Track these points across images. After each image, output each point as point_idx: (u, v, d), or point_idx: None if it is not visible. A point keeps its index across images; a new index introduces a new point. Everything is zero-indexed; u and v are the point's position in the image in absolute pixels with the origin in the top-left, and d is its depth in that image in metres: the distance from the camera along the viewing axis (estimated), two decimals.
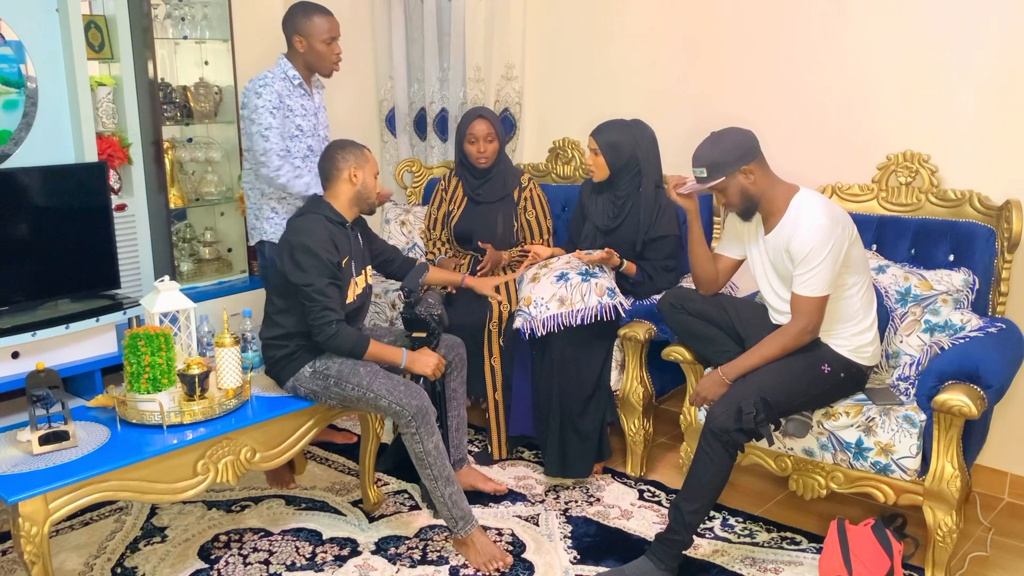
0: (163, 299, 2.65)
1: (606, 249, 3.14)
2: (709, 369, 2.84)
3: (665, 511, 2.94)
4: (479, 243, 3.49)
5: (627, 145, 3.21)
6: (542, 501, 3.05)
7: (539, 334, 3.04)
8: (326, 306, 2.61)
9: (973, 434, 2.58)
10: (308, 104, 3.26)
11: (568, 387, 3.10)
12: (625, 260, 3.21)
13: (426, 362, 2.74)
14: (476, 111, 3.55)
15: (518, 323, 3.10)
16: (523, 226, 3.54)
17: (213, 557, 2.72)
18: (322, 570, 2.65)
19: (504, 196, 3.52)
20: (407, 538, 2.82)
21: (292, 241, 2.65)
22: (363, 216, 2.90)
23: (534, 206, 3.54)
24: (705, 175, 2.58)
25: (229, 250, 4.17)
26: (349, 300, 2.74)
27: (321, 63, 3.23)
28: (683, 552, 2.57)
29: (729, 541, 2.80)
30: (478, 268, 3.43)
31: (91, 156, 3.49)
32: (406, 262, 3.08)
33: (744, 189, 2.58)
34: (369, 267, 2.92)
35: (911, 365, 2.73)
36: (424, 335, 2.82)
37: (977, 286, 2.81)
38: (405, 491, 3.12)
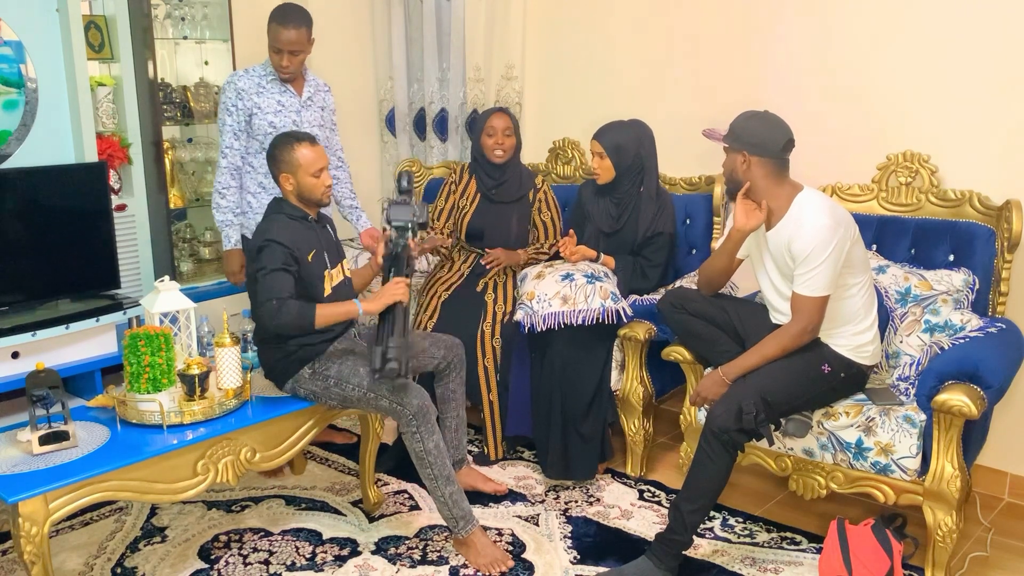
0: (163, 299, 2.65)
1: (580, 249, 3.25)
2: (709, 369, 2.84)
3: (665, 511, 2.94)
4: (486, 249, 3.47)
5: (631, 145, 3.22)
6: (542, 501, 3.05)
7: (539, 329, 3.04)
8: (269, 286, 2.54)
9: (973, 434, 2.58)
10: (289, 101, 3.20)
11: (570, 391, 3.10)
12: (602, 255, 3.28)
13: (389, 292, 2.59)
14: (497, 107, 3.57)
15: (519, 316, 3.10)
16: (538, 227, 3.54)
17: (213, 557, 2.72)
18: (322, 570, 2.65)
19: (520, 197, 3.52)
20: (407, 538, 2.82)
21: (256, 241, 2.68)
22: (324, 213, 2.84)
23: (548, 208, 3.54)
24: (724, 133, 2.65)
25: None
26: (327, 293, 2.72)
27: (275, 68, 3.16)
28: (683, 552, 2.57)
29: (729, 541, 2.80)
30: (483, 262, 3.43)
31: (91, 156, 3.49)
32: None
33: (733, 170, 2.63)
34: (345, 260, 2.89)
35: (911, 365, 2.73)
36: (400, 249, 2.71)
37: (977, 286, 2.81)
38: (405, 491, 3.12)
